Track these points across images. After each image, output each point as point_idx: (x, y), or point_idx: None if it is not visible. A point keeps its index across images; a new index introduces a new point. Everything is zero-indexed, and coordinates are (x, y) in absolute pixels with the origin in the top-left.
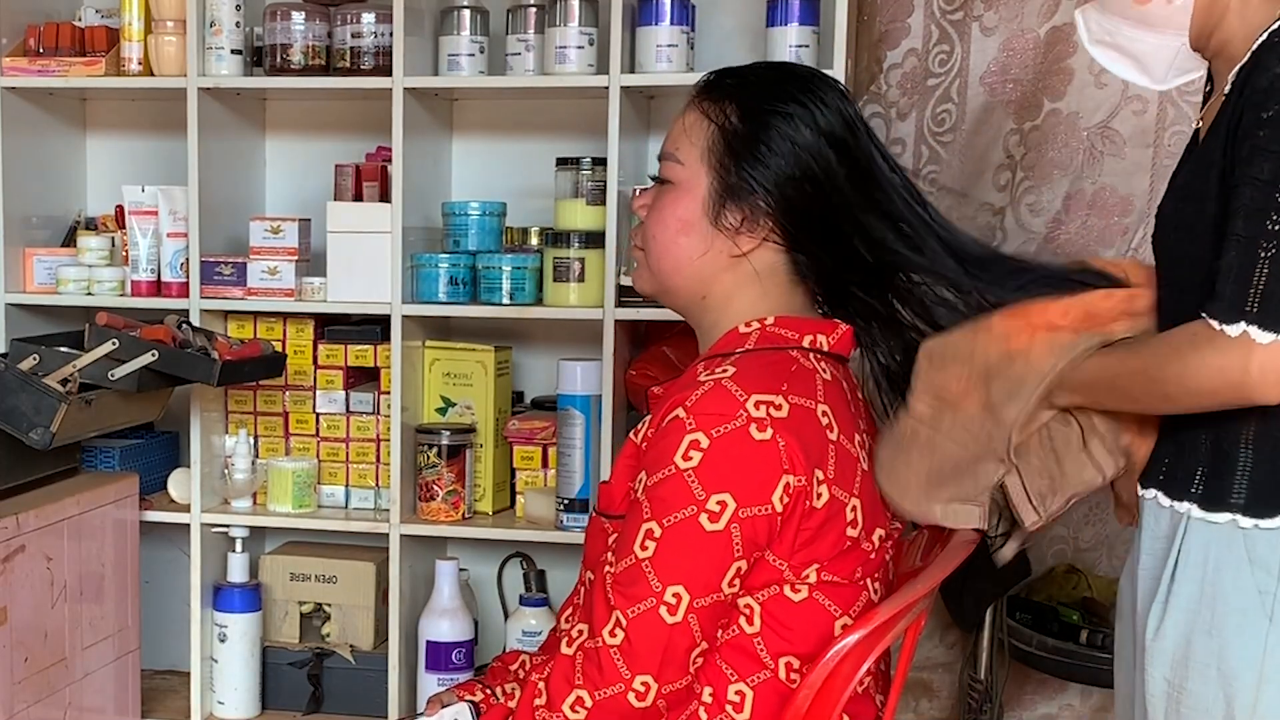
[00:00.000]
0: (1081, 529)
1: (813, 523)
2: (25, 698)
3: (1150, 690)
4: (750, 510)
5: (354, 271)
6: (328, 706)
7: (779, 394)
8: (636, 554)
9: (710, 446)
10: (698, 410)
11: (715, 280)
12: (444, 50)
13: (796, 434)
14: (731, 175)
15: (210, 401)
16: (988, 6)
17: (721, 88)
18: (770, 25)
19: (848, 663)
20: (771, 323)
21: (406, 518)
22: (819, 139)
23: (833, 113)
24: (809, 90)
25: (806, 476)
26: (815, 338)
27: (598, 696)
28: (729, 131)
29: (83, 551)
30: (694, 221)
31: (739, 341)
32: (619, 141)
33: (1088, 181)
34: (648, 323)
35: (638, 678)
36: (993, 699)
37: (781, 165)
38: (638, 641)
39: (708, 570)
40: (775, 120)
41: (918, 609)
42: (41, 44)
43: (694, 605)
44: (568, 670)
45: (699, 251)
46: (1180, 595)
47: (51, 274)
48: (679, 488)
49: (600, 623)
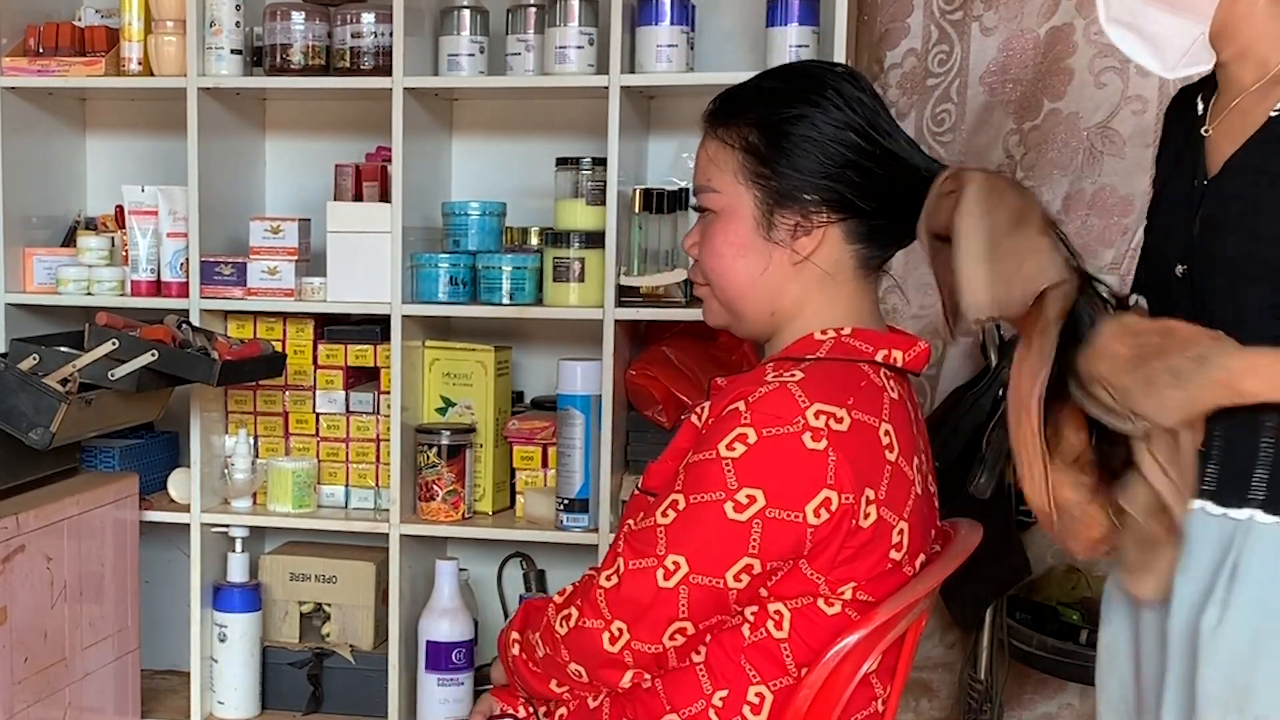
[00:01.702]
0: None
1: (856, 542)
2: (25, 698)
3: (1206, 689)
4: (778, 513)
5: (354, 271)
6: (328, 706)
7: (843, 407)
8: (656, 519)
9: (757, 443)
10: (757, 408)
11: (782, 292)
12: (444, 50)
13: (851, 451)
14: (771, 187)
15: (210, 401)
16: (988, 6)
17: (731, 110)
18: (770, 25)
19: (848, 663)
20: (848, 333)
21: (406, 518)
22: (840, 130)
23: (847, 101)
24: (818, 88)
25: (854, 495)
26: (890, 352)
27: (581, 624)
28: (753, 149)
29: (83, 551)
30: (748, 242)
31: (813, 347)
32: (619, 141)
33: (1088, 181)
34: (648, 323)
35: (615, 622)
36: (993, 699)
37: (813, 162)
38: (625, 590)
39: (715, 554)
40: (794, 126)
41: (919, 609)
42: (41, 44)
43: (688, 579)
44: (579, 588)
45: (760, 269)
46: (1243, 596)
47: (51, 274)
48: (714, 473)
49: (605, 566)
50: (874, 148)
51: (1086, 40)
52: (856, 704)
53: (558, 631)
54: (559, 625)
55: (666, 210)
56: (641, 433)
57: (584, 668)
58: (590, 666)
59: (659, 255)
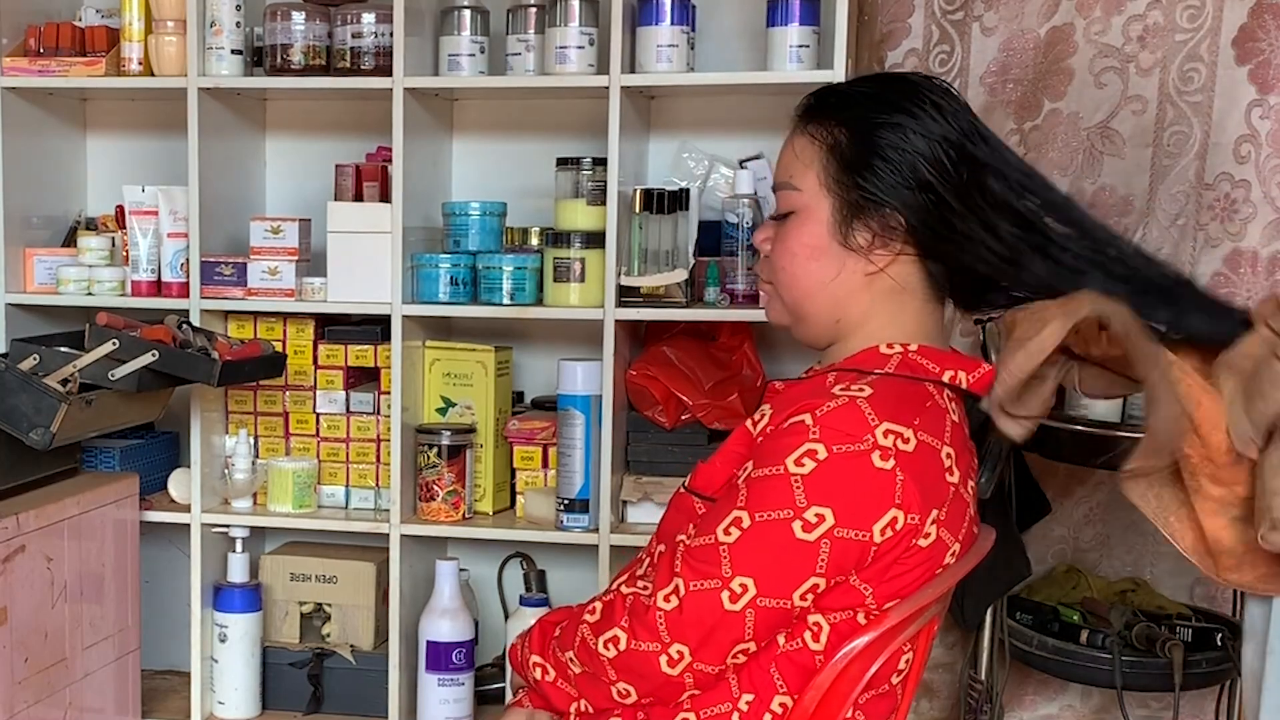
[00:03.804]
0: (1082, 529)
1: (913, 561)
2: (25, 698)
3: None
4: (847, 532)
5: (354, 271)
6: (328, 707)
7: (910, 427)
8: (718, 537)
9: (827, 460)
10: (826, 423)
11: (851, 301)
12: (444, 50)
13: (917, 472)
14: (853, 193)
15: (210, 401)
16: (988, 6)
17: (824, 108)
18: (770, 25)
19: (856, 664)
20: (915, 350)
21: (407, 518)
22: (932, 144)
23: (944, 115)
24: (914, 97)
25: (920, 515)
26: (956, 374)
27: (634, 646)
28: (841, 150)
29: (83, 551)
30: (823, 246)
31: (879, 362)
32: (619, 141)
33: (1088, 181)
34: (648, 323)
35: (675, 645)
36: (993, 699)
37: (901, 176)
38: (689, 614)
39: (784, 575)
40: (885, 132)
41: (929, 614)
42: (41, 44)
43: (756, 602)
44: (620, 608)
45: (831, 274)
46: None
47: (52, 274)
48: (782, 489)
49: (660, 585)
50: (971, 177)
51: (1087, 40)
52: (877, 714)
53: (602, 654)
54: (603, 648)
55: (667, 210)
56: (642, 433)
57: (635, 688)
58: (645, 689)
59: (659, 255)
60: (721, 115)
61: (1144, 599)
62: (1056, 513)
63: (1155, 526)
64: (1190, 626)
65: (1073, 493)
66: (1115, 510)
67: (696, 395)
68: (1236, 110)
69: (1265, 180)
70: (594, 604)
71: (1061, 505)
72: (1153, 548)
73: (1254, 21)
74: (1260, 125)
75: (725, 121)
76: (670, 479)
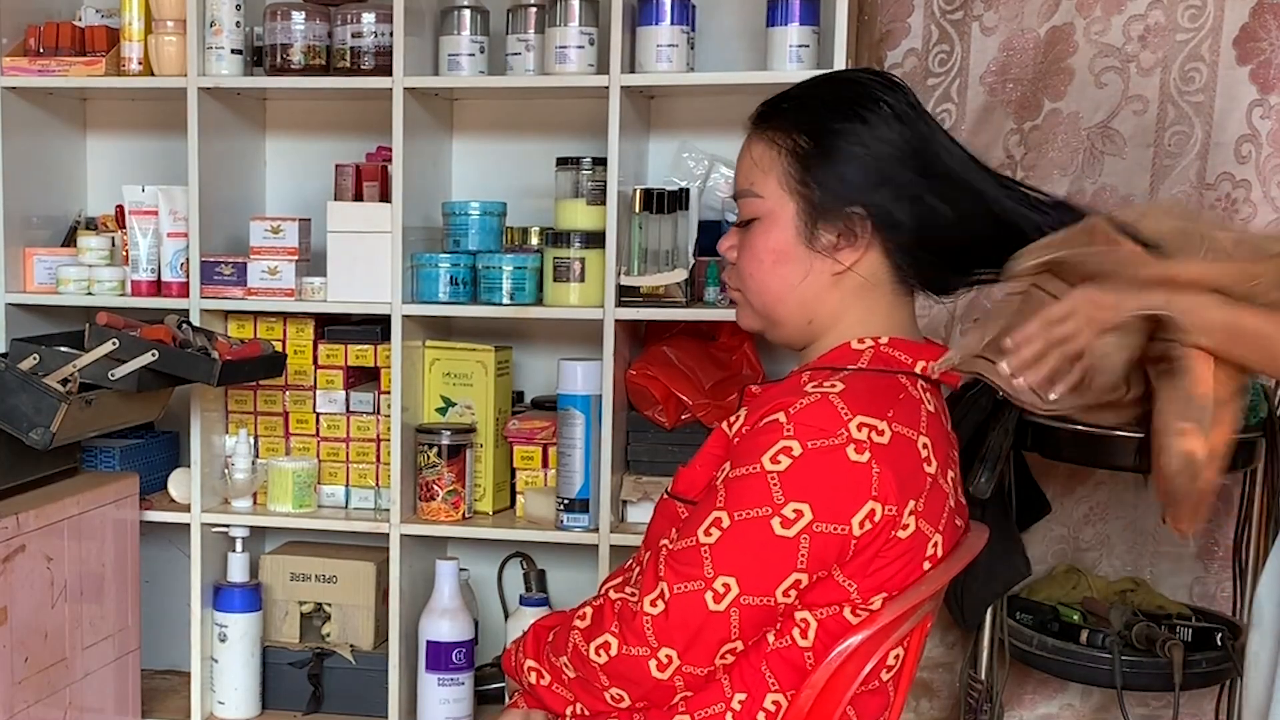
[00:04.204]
0: (1081, 529)
1: (893, 553)
2: (25, 698)
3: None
4: (825, 527)
5: (354, 271)
6: (328, 706)
7: (884, 419)
8: (699, 538)
9: (802, 456)
10: (799, 420)
11: (821, 302)
12: (444, 50)
13: (893, 463)
14: (816, 195)
15: (210, 401)
16: (988, 6)
17: (779, 113)
18: (770, 25)
19: (851, 663)
20: (886, 343)
21: (406, 518)
22: (889, 140)
23: (895, 111)
24: (867, 96)
25: (898, 507)
26: (928, 364)
27: (624, 652)
28: (801, 154)
29: (83, 551)
30: (788, 250)
31: (851, 358)
32: (619, 141)
33: (1088, 181)
34: (648, 323)
35: (663, 649)
36: (993, 699)
37: (862, 174)
38: (675, 617)
39: (765, 572)
40: (844, 134)
41: (923, 611)
42: (41, 44)
43: (740, 601)
44: (609, 614)
45: (799, 277)
46: None
47: (52, 274)
48: (759, 487)
49: (646, 591)
50: (925, 164)
51: (1087, 40)
52: (869, 711)
53: (594, 660)
54: (594, 654)
55: (667, 210)
56: (641, 433)
57: (628, 693)
58: (637, 694)
59: (659, 255)
60: (721, 115)
61: (1144, 599)
62: (1056, 512)
63: (1155, 526)
64: (1190, 626)
65: (1073, 492)
66: (1115, 510)
67: (696, 395)
68: (1237, 110)
69: (1266, 180)
70: (584, 609)
71: (1061, 505)
72: (1153, 548)
73: (1255, 21)
74: (1261, 125)
75: (725, 121)
76: (670, 479)
